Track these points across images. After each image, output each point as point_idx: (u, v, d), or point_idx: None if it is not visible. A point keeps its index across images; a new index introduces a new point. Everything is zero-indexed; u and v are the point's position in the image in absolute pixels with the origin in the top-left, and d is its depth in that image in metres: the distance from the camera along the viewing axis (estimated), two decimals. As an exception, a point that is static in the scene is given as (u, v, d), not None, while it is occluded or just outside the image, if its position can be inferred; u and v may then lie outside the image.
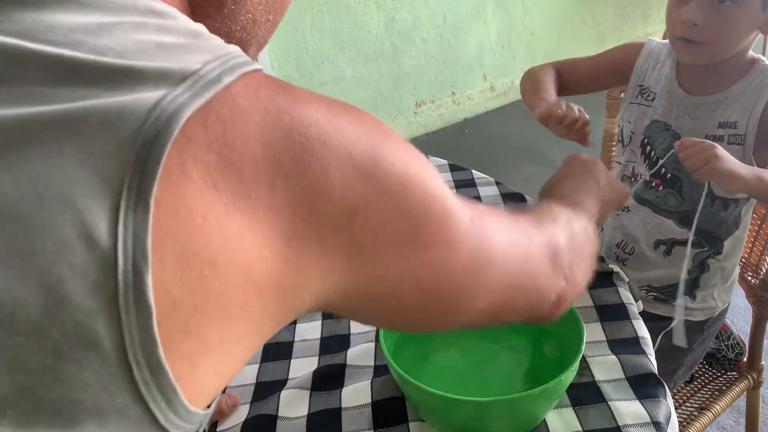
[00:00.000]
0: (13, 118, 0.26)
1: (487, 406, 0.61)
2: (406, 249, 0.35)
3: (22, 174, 0.25)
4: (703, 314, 1.08)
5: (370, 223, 0.33)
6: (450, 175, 1.14)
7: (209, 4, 0.38)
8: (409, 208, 0.35)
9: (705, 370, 1.18)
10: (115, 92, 0.27)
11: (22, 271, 0.24)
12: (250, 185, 0.29)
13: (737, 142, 0.97)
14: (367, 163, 0.33)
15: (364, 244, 0.33)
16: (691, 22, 0.90)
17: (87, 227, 0.25)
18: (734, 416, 1.49)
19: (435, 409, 0.65)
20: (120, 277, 0.25)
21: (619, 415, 0.66)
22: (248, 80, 0.31)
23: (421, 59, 2.84)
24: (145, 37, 0.30)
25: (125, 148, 0.26)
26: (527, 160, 2.63)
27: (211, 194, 0.27)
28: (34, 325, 0.24)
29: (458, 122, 3.06)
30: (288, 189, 0.30)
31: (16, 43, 0.28)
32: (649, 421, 0.65)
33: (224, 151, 0.28)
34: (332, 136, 0.31)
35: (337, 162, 0.31)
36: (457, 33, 2.90)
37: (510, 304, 0.45)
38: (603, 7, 3.38)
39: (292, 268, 0.31)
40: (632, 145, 1.09)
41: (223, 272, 0.28)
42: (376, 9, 2.62)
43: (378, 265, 0.34)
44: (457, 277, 0.39)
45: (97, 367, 0.25)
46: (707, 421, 1.04)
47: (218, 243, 0.27)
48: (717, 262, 1.06)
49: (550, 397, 0.64)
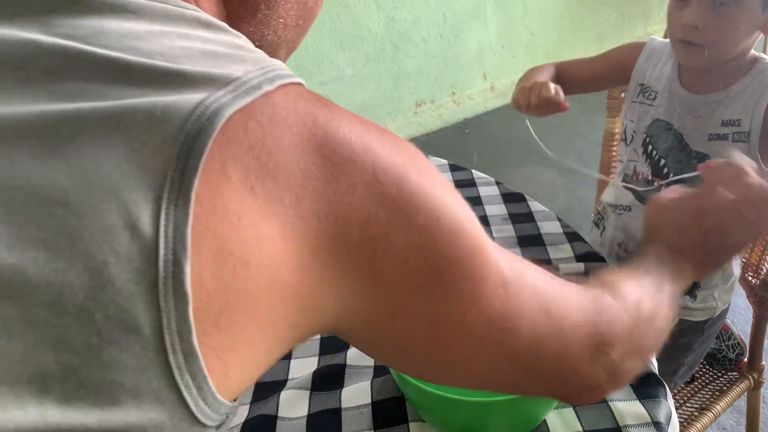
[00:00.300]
0: (67, 111, 0.27)
1: (487, 407, 0.61)
2: (426, 291, 0.34)
3: (74, 164, 0.26)
4: (704, 314, 1.08)
5: (391, 254, 0.32)
6: (450, 175, 1.14)
7: (244, 8, 0.40)
8: (435, 249, 0.33)
9: (705, 370, 1.18)
10: (162, 92, 0.28)
11: (70, 254, 0.25)
12: (282, 192, 0.30)
13: (742, 139, 0.97)
14: (394, 192, 0.32)
15: (383, 273, 0.33)
16: (691, 24, 0.90)
17: (131, 217, 0.26)
18: (735, 416, 1.48)
19: (435, 409, 0.65)
20: (161, 265, 0.26)
21: (619, 415, 0.66)
22: (288, 91, 0.32)
23: (421, 59, 2.84)
24: (191, 45, 0.31)
25: (169, 143, 0.27)
26: (527, 160, 2.63)
27: (248, 196, 0.29)
28: (79, 306, 0.25)
29: (458, 122, 3.06)
30: (316, 200, 0.30)
31: (72, 45, 0.29)
32: (649, 421, 0.65)
33: (262, 156, 0.29)
34: (362, 157, 0.32)
35: (364, 184, 0.32)
36: (457, 33, 2.90)
37: (531, 381, 0.42)
38: (603, 7, 3.37)
39: (315, 280, 0.31)
40: (634, 144, 1.09)
41: (254, 272, 0.29)
42: (376, 9, 2.62)
43: (393, 300, 0.34)
44: (475, 337, 0.37)
45: (136, 351, 0.26)
46: (708, 422, 1.04)
47: (252, 244, 0.28)
48: None
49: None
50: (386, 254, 0.32)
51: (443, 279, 0.34)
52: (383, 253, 0.32)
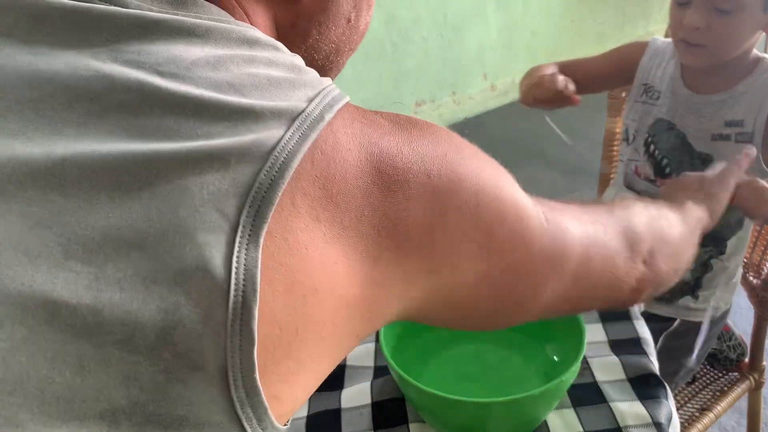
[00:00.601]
0: (145, 154, 0.28)
1: (487, 407, 0.61)
2: (483, 256, 0.37)
3: (151, 207, 0.27)
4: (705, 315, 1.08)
5: (448, 238, 0.35)
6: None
7: (296, 34, 0.40)
8: (484, 219, 0.37)
9: (706, 370, 1.18)
10: (235, 131, 0.29)
11: (145, 296, 0.26)
12: (343, 215, 0.31)
13: (745, 140, 0.97)
14: (443, 182, 0.35)
15: (442, 258, 0.35)
16: (693, 26, 0.89)
17: (204, 259, 0.27)
18: (736, 417, 1.48)
19: (435, 409, 0.65)
20: (230, 307, 0.27)
21: (620, 415, 0.66)
22: (344, 115, 0.33)
23: (422, 58, 2.84)
24: (256, 71, 0.32)
25: (243, 189, 0.28)
26: (528, 159, 2.62)
27: (314, 226, 0.30)
28: (150, 345, 0.26)
29: (458, 122, 3.06)
30: (375, 215, 0.32)
31: (147, 80, 0.30)
32: (650, 421, 0.65)
33: (327, 185, 0.31)
34: (414, 162, 0.34)
35: (418, 186, 0.34)
36: (457, 32, 2.90)
37: (587, 294, 0.47)
38: (604, 6, 3.37)
39: (378, 289, 0.33)
40: (635, 144, 1.09)
41: (322, 298, 0.30)
42: (377, 7, 2.60)
43: (456, 275, 0.36)
44: (534, 276, 0.41)
45: (201, 387, 0.27)
46: (708, 422, 1.04)
47: (319, 271, 0.30)
48: (720, 262, 1.06)
49: (551, 397, 0.63)
50: (442, 240, 0.35)
51: (496, 240, 0.37)
52: (439, 240, 0.35)
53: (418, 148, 0.35)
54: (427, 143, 0.36)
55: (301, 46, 0.41)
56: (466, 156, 0.37)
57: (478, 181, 0.37)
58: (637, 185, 1.09)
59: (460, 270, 0.36)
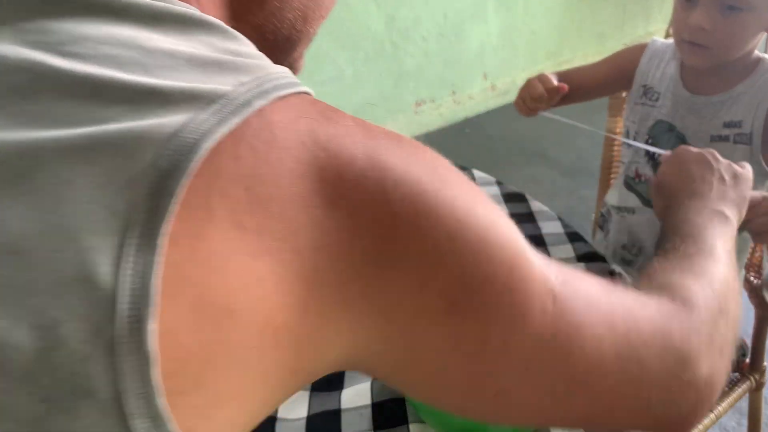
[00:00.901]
0: (27, 143, 0.24)
1: (488, 409, 0.61)
2: (451, 316, 0.29)
3: (29, 205, 0.23)
4: None
5: (404, 279, 0.28)
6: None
7: (251, 1, 0.35)
8: (459, 268, 0.29)
9: (707, 371, 1.18)
10: (136, 115, 0.25)
11: (17, 310, 0.22)
12: (275, 224, 0.26)
13: (743, 141, 0.96)
14: (407, 210, 0.28)
15: (396, 302, 0.28)
16: (699, 26, 0.89)
17: (89, 266, 0.23)
18: (736, 418, 1.48)
19: (435, 410, 0.64)
20: (117, 322, 0.23)
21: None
22: (289, 106, 0.28)
23: (422, 58, 2.84)
24: (176, 49, 0.28)
25: (138, 180, 0.24)
26: (528, 159, 2.62)
27: (236, 234, 0.25)
28: (24, 370, 0.22)
29: (459, 121, 3.06)
30: (315, 230, 0.26)
31: (40, 59, 0.26)
32: (651, 423, 0.65)
33: (255, 187, 0.25)
34: (369, 175, 0.28)
35: (372, 205, 0.27)
36: (457, 31, 2.90)
37: (606, 411, 0.35)
38: (604, 6, 3.37)
39: (318, 319, 0.27)
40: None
41: (240, 321, 0.25)
42: (376, 7, 2.61)
43: (411, 330, 0.29)
44: (525, 362, 0.31)
45: (93, 419, 0.22)
46: (709, 423, 1.04)
47: (238, 289, 0.25)
48: None
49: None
50: (398, 280, 0.28)
51: (472, 300, 0.29)
52: (394, 279, 0.28)
53: (380, 161, 0.28)
54: (398, 160, 0.28)
55: (258, 13, 0.36)
56: (449, 183, 0.30)
57: (459, 220, 0.29)
58: (638, 187, 1.09)
59: (417, 326, 0.29)
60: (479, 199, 0.31)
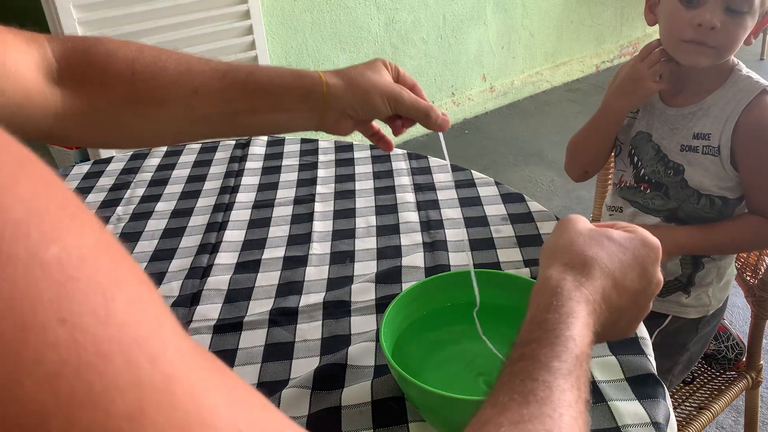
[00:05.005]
0: None
1: (487, 406, 0.61)
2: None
3: None
4: (697, 312, 1.09)
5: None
6: (450, 175, 1.15)
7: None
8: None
9: (704, 369, 1.18)
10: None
11: None
12: None
13: (712, 153, 1.00)
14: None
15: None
16: (710, 25, 0.91)
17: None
18: (733, 416, 1.49)
19: (435, 408, 0.65)
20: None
21: (618, 415, 0.66)
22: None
23: (421, 60, 2.85)
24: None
25: None
26: (526, 160, 2.63)
27: None
28: None
29: (458, 123, 3.07)
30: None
31: None
32: (648, 421, 0.66)
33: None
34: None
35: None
36: (456, 33, 2.91)
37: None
38: (602, 8, 3.38)
39: None
40: (622, 156, 1.13)
41: None
42: (376, 9, 2.62)
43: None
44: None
45: None
46: (706, 421, 1.05)
47: None
48: (712, 261, 1.07)
49: (550, 396, 0.64)
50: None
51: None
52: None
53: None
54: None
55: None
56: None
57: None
58: (622, 192, 1.13)
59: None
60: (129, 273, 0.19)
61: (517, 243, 0.95)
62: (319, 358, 0.78)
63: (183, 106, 0.65)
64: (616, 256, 0.46)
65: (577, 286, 0.43)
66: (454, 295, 0.75)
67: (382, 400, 0.70)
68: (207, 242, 0.99)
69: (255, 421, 0.21)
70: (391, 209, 1.06)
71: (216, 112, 0.67)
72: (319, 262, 0.94)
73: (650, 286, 0.48)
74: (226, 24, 2.15)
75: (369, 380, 0.73)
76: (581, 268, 0.45)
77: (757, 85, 0.97)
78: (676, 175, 1.03)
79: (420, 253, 0.94)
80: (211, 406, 0.19)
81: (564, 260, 0.45)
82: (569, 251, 0.46)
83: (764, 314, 1.07)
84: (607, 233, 0.48)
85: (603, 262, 0.45)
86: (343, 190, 1.12)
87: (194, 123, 0.67)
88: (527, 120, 3.07)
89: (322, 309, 0.84)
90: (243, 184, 1.15)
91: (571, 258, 0.46)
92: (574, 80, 3.42)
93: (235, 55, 2.18)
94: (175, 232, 1.03)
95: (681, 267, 1.08)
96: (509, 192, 1.08)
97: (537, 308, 0.43)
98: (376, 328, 0.79)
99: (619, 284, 0.46)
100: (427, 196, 1.08)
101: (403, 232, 0.99)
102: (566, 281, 0.43)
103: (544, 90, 3.35)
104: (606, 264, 0.45)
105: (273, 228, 1.03)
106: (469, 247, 0.94)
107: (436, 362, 0.75)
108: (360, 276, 0.90)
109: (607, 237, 0.47)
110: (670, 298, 1.10)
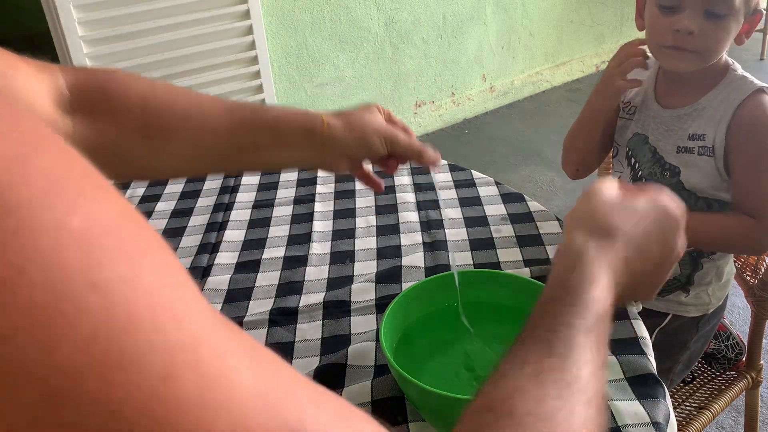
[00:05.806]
0: None
1: (487, 406, 0.61)
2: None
3: None
4: (697, 310, 1.09)
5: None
6: (450, 175, 1.15)
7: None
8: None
9: (704, 369, 1.18)
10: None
11: None
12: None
13: (707, 153, 1.00)
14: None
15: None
16: (687, 30, 0.91)
17: None
18: (733, 415, 1.49)
19: (435, 408, 0.65)
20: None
21: (618, 415, 0.66)
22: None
23: (421, 60, 2.85)
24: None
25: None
26: (526, 160, 2.63)
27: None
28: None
29: (458, 122, 3.07)
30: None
31: None
32: (648, 421, 0.66)
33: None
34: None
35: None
36: (456, 33, 2.91)
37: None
38: (602, 8, 3.38)
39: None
40: (619, 157, 1.13)
41: None
42: (376, 9, 2.62)
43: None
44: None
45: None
46: (706, 420, 1.05)
47: None
48: (711, 261, 1.07)
49: (550, 396, 0.64)
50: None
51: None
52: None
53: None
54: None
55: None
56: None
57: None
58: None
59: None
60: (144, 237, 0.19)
61: (517, 243, 0.95)
62: (319, 357, 0.78)
63: (191, 142, 0.67)
64: (640, 224, 0.49)
65: (599, 252, 0.45)
66: (454, 295, 0.75)
67: (382, 400, 0.70)
68: (207, 242, 0.99)
69: (272, 377, 0.22)
70: (391, 209, 1.06)
71: (223, 147, 0.69)
72: (319, 261, 0.94)
73: (672, 255, 0.50)
74: (226, 24, 2.15)
75: (369, 380, 0.73)
76: (605, 235, 0.47)
77: (751, 85, 0.97)
78: (672, 177, 1.03)
79: (420, 253, 0.94)
80: (233, 365, 0.20)
81: (588, 227, 0.48)
82: (594, 218, 0.48)
83: (764, 314, 1.07)
84: (632, 202, 0.50)
85: (626, 230, 0.47)
86: (343, 189, 1.12)
87: (200, 158, 0.69)
88: (527, 120, 3.07)
89: (322, 309, 0.84)
90: (243, 183, 1.16)
91: (596, 225, 0.48)
92: (574, 80, 3.42)
93: (235, 55, 2.18)
94: (175, 232, 1.03)
95: (680, 267, 1.08)
96: (509, 192, 1.09)
97: (560, 270, 0.45)
98: (376, 328, 0.79)
99: (642, 252, 0.48)
100: (427, 196, 1.08)
101: (403, 232, 0.99)
102: (590, 247, 0.45)
103: (544, 90, 3.35)
104: (628, 232, 0.47)
105: (273, 228, 1.03)
106: (450, 248, 0.94)
107: (436, 362, 0.75)
108: (360, 276, 0.90)
109: (631, 206, 0.50)
110: (670, 297, 1.10)
